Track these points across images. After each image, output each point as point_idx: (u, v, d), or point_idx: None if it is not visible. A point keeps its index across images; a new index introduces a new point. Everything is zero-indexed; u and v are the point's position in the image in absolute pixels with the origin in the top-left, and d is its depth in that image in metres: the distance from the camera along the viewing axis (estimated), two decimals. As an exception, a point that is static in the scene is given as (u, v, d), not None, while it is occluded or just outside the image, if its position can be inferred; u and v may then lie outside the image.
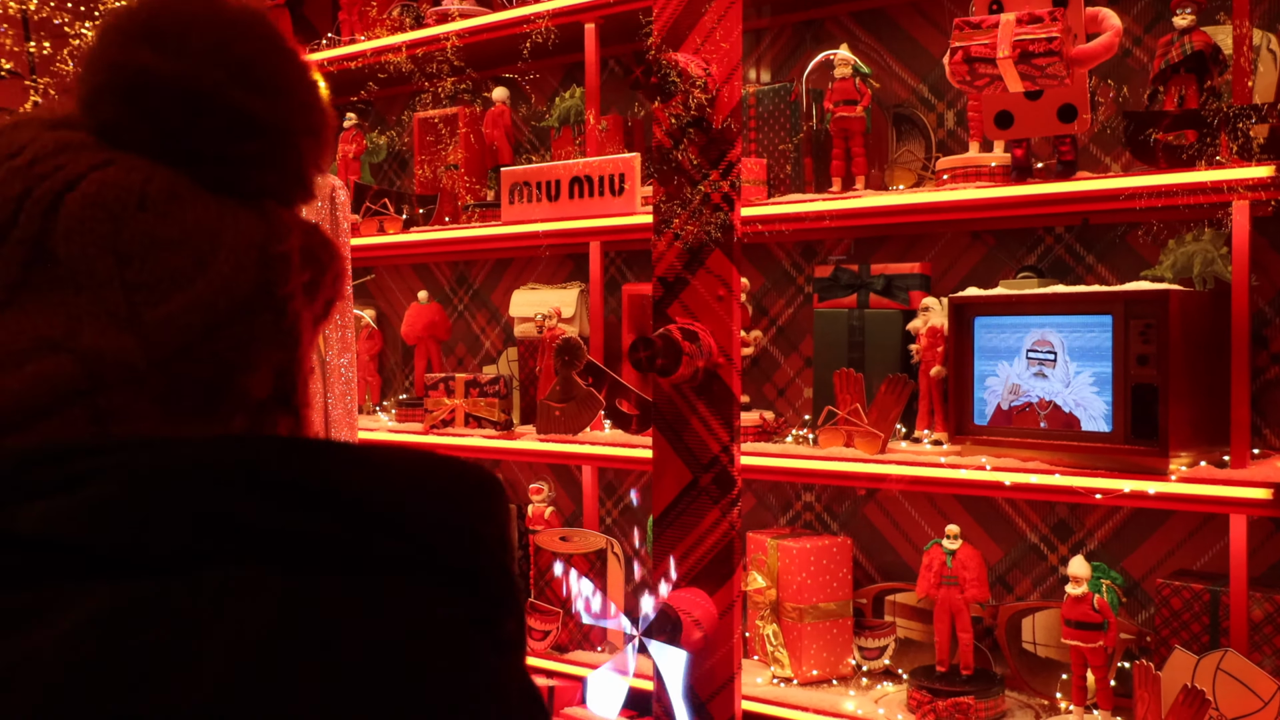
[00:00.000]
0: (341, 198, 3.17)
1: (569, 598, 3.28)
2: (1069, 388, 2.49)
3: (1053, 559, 2.89)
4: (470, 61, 3.62)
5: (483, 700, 0.66)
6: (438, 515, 0.69)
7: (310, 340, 0.85)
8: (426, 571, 0.67)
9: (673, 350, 2.50)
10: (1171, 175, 2.32)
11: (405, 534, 0.67)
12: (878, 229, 2.99)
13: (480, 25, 3.45)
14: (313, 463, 0.68)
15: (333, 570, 0.64)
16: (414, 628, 0.65)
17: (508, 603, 0.72)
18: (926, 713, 2.65)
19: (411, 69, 3.59)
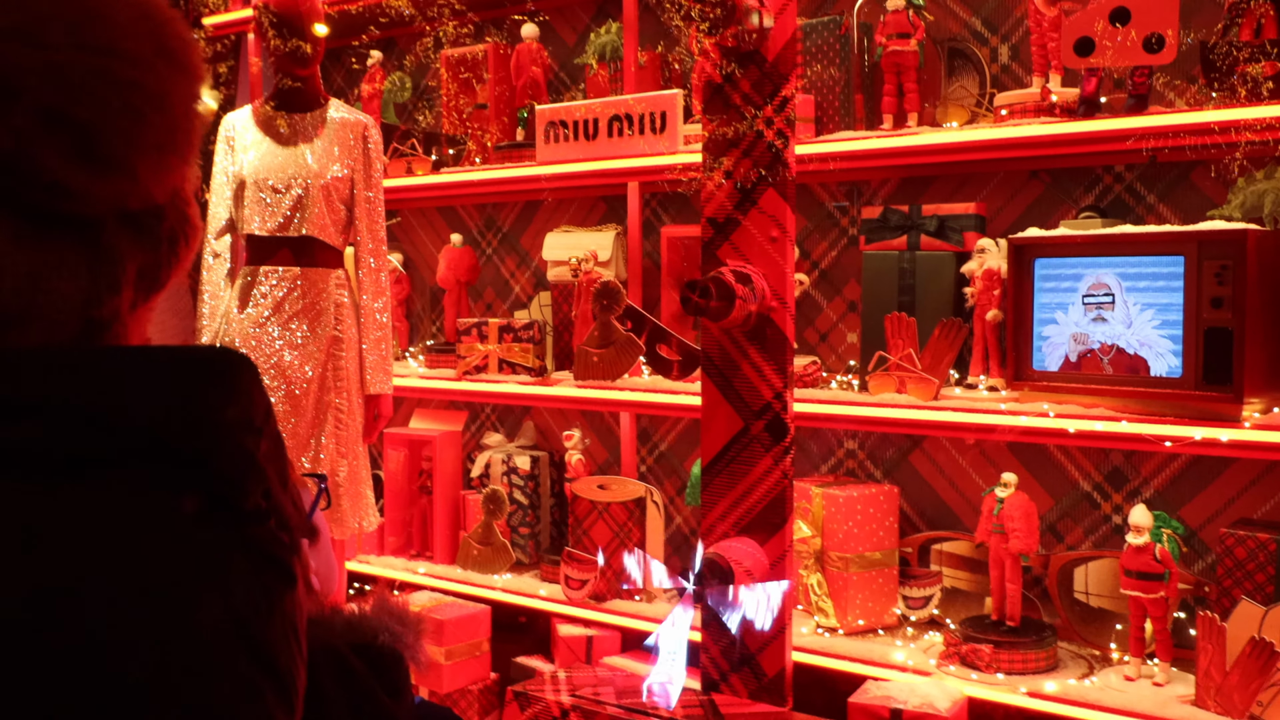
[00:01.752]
0: (375, 137, 3.08)
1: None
2: (1131, 329, 2.41)
3: (1106, 508, 2.82)
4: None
5: (191, 577, 0.70)
6: (156, 405, 0.73)
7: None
8: (141, 460, 0.71)
9: (725, 293, 2.42)
10: (1251, 109, 2.22)
11: (115, 428, 0.71)
12: (930, 168, 2.89)
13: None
14: (13, 375, 0.71)
15: (38, 474, 0.68)
16: (117, 518, 0.69)
17: (247, 480, 0.75)
18: (975, 662, 2.60)
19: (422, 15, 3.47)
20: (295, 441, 2.97)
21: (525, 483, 3.61)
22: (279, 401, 2.96)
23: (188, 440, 0.73)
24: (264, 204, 2.97)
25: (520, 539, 3.61)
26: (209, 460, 0.74)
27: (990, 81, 2.88)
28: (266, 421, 0.81)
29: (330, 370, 3.00)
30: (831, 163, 2.73)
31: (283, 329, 2.97)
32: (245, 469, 0.76)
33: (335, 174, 2.99)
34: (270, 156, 2.99)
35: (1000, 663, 2.57)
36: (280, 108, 3.04)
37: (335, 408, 3.00)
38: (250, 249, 3.01)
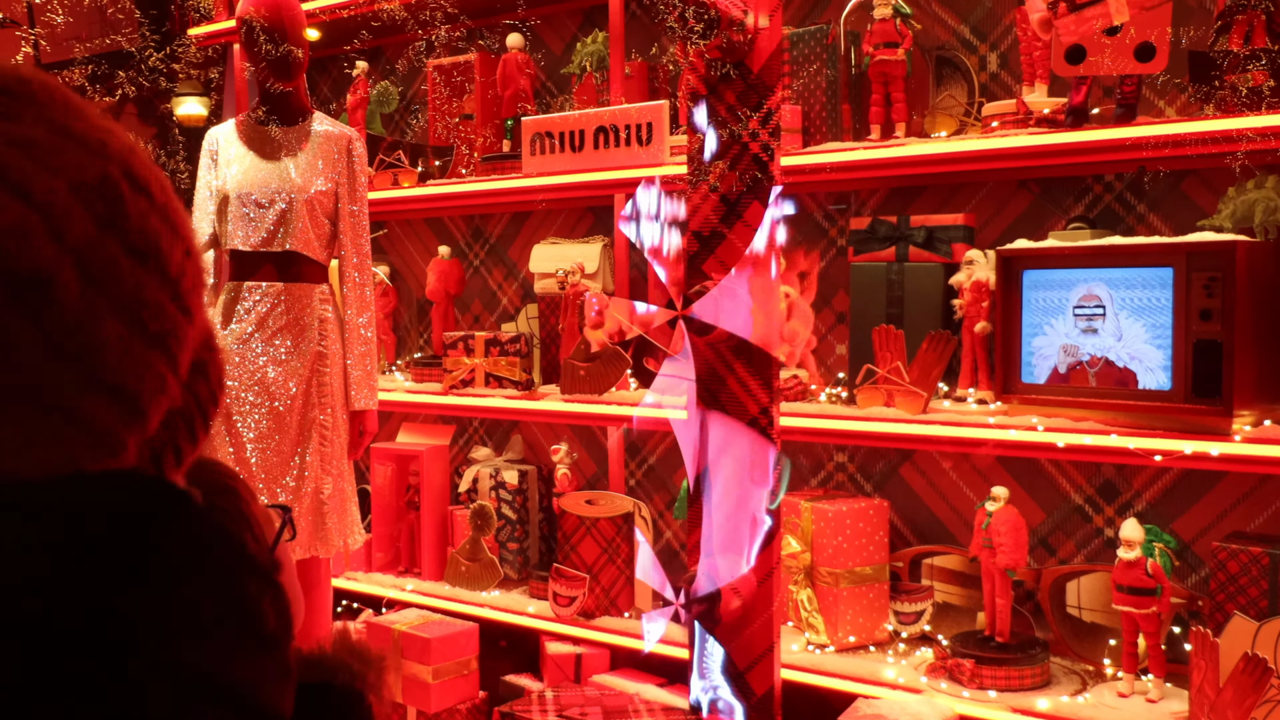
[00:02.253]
0: (359, 150, 3.05)
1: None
2: (1121, 341, 2.38)
3: (1098, 520, 2.79)
4: (478, 7, 3.48)
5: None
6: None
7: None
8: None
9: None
10: (1241, 119, 2.19)
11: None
12: (919, 179, 2.86)
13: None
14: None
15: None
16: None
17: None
18: (965, 679, 2.57)
19: (414, 19, 3.45)
20: (279, 458, 2.93)
21: (513, 497, 3.58)
22: (263, 418, 2.93)
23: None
24: (247, 219, 2.94)
25: (509, 554, 3.58)
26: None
27: (979, 90, 2.85)
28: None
29: (315, 386, 2.96)
30: (819, 174, 2.71)
31: (266, 344, 2.94)
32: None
33: (319, 188, 2.96)
34: (254, 171, 2.96)
35: (992, 679, 2.54)
36: (263, 121, 3.01)
37: (320, 424, 2.97)
38: (234, 264, 2.98)
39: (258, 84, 3.03)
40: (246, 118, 3.06)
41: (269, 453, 2.94)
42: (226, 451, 2.93)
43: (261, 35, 2.92)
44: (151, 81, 4.23)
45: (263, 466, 2.93)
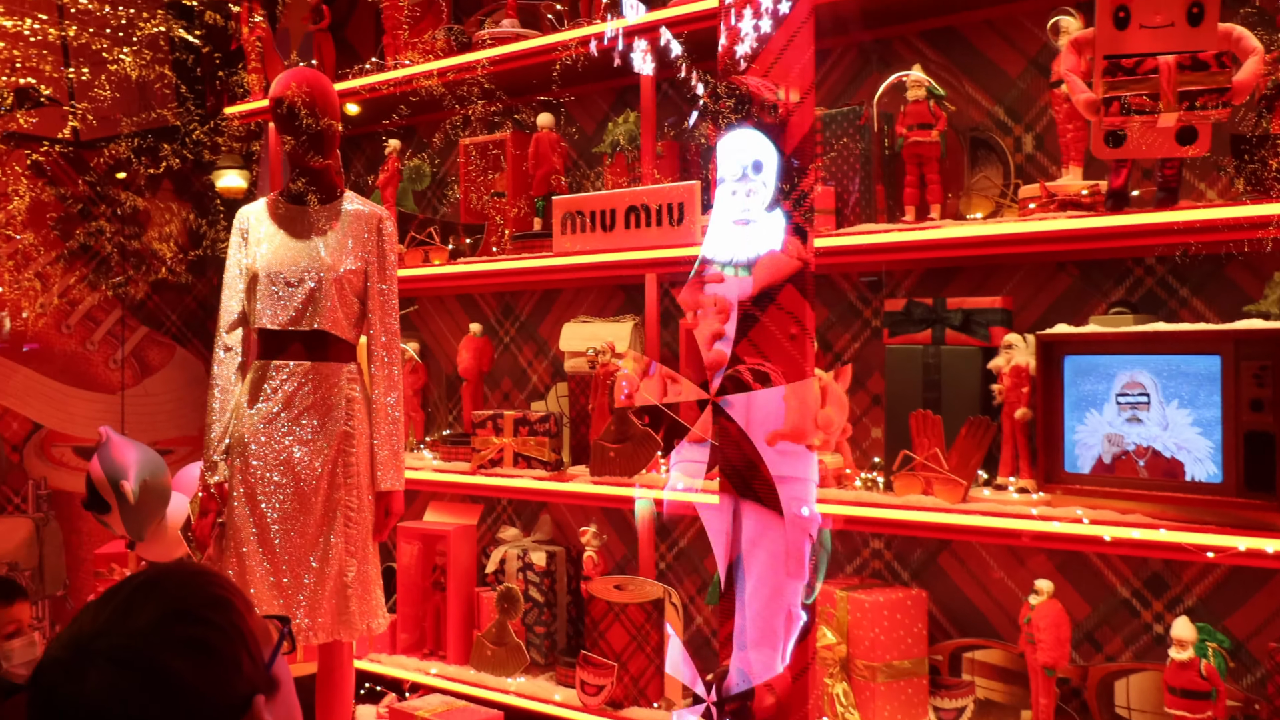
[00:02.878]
0: (389, 229, 3.04)
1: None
2: (1167, 430, 2.30)
3: (1146, 616, 2.68)
4: (513, 85, 3.49)
5: None
6: None
7: None
8: None
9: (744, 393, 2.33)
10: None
11: None
12: (955, 260, 2.81)
13: (526, 49, 3.32)
14: None
15: None
16: None
17: None
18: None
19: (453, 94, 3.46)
20: (303, 540, 2.88)
21: (541, 579, 3.51)
22: (287, 499, 2.88)
23: None
24: (276, 297, 2.92)
25: (536, 638, 3.49)
26: None
27: (1015, 172, 2.80)
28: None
29: (340, 466, 2.92)
30: (854, 256, 2.66)
31: (292, 424, 2.90)
32: None
33: (349, 267, 2.94)
34: (284, 249, 2.95)
35: (1036, 784, 2.43)
36: (295, 199, 3.01)
37: (345, 505, 2.92)
38: (261, 343, 2.96)
39: (290, 162, 3.04)
40: (278, 196, 3.05)
41: (293, 534, 2.89)
42: (250, 533, 2.88)
43: (293, 114, 2.92)
44: (194, 155, 4.27)
45: (286, 548, 2.88)
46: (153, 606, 1.23)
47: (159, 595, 1.25)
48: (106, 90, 4.23)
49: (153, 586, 1.26)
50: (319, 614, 2.90)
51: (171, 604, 1.24)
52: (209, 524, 2.96)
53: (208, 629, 1.24)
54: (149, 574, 1.29)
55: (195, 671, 1.20)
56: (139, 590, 1.25)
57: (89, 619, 1.24)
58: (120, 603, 1.24)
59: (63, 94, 4.52)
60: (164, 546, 3.61)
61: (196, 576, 1.30)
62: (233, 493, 2.93)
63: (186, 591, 1.27)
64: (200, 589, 1.28)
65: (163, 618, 1.22)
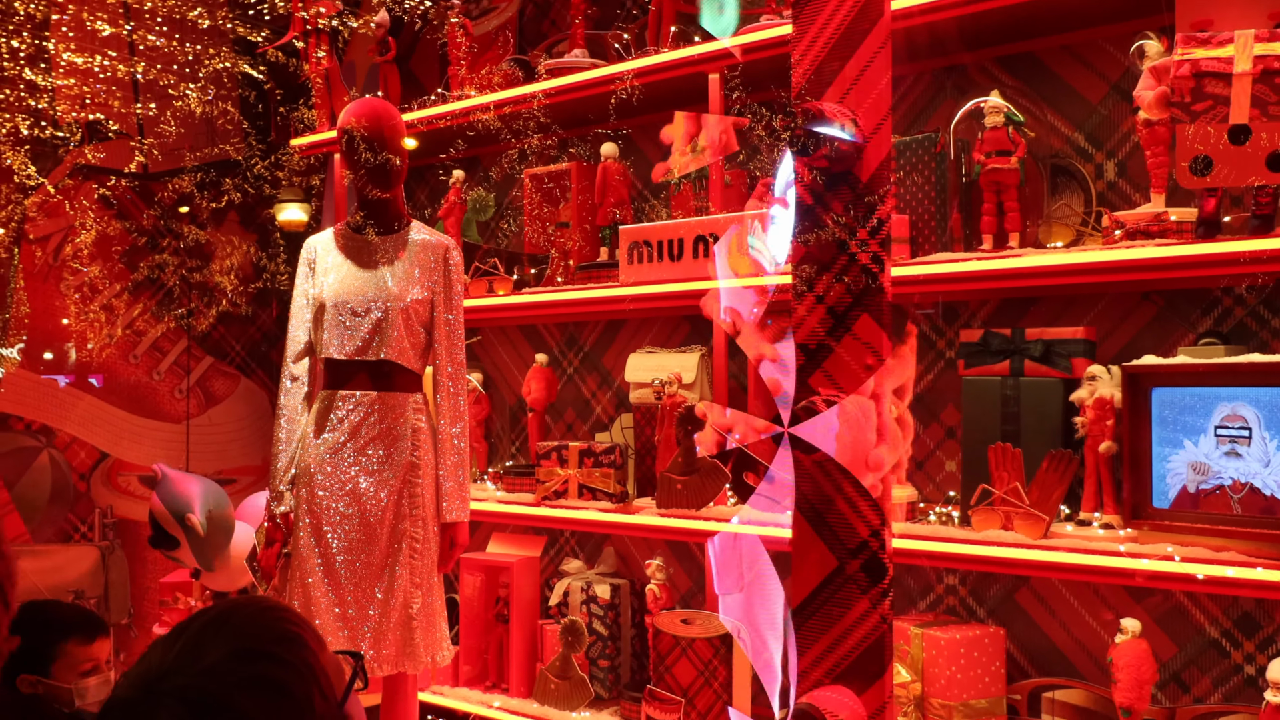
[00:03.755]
0: (455, 259, 3.03)
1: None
2: (1269, 468, 2.21)
3: (1237, 657, 2.59)
4: (577, 116, 3.48)
5: None
6: None
7: None
8: None
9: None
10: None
11: None
12: (1034, 290, 2.74)
13: (588, 80, 3.31)
14: None
15: None
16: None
17: None
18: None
19: (511, 127, 3.46)
20: (369, 571, 2.86)
21: (605, 612, 3.46)
22: (353, 529, 2.87)
23: None
24: (343, 327, 2.92)
25: (599, 672, 3.45)
26: None
27: (1096, 199, 2.74)
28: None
29: (406, 497, 2.90)
30: (929, 285, 2.60)
31: (359, 454, 2.89)
32: None
33: (415, 296, 2.93)
34: (350, 279, 2.95)
35: (1126, 833, 2.33)
36: (361, 229, 3.01)
37: (410, 536, 2.90)
38: (328, 372, 2.96)
39: (357, 192, 3.04)
40: (344, 227, 3.06)
41: (358, 564, 2.87)
42: (315, 563, 2.87)
43: (361, 144, 2.93)
44: (256, 189, 4.31)
45: (351, 579, 2.86)
46: (223, 643, 1.20)
47: (229, 632, 1.22)
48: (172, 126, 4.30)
49: (222, 623, 1.23)
50: (384, 645, 2.87)
51: (242, 641, 1.21)
52: (275, 554, 2.95)
53: (279, 666, 1.21)
54: (218, 609, 1.26)
55: (267, 711, 1.17)
56: (208, 627, 1.22)
57: (158, 656, 1.21)
58: (189, 640, 1.21)
59: (131, 129, 4.59)
60: (229, 576, 3.62)
61: (267, 612, 1.27)
62: (298, 523, 2.92)
63: (257, 628, 1.24)
64: (271, 625, 1.25)
65: (233, 655, 1.19)
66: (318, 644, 1.27)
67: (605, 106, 3.36)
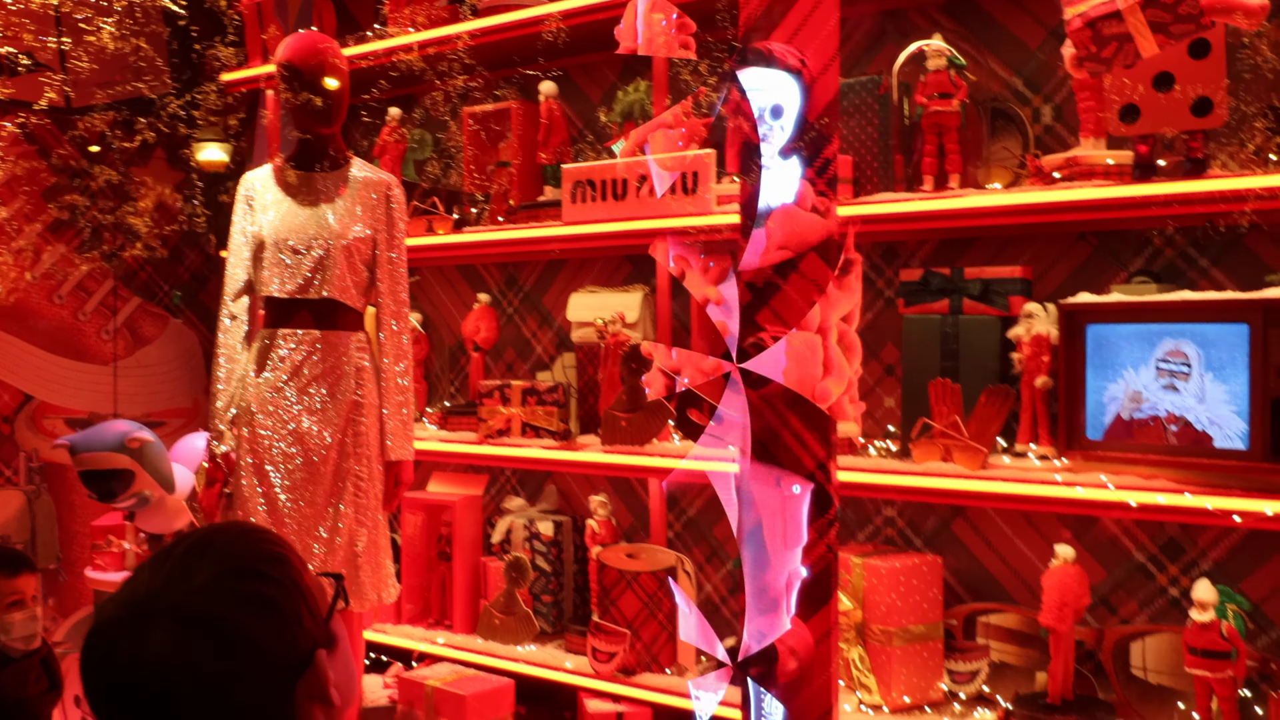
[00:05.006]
0: (398, 196, 3.01)
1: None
2: (1203, 404, 2.31)
3: (1161, 580, 2.71)
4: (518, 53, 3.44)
5: None
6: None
7: None
8: None
9: (769, 361, 2.33)
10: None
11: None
12: (973, 230, 2.81)
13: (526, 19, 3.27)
14: None
15: None
16: None
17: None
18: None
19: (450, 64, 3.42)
20: (313, 510, 2.86)
21: (548, 549, 3.50)
22: (296, 469, 2.86)
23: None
24: (284, 265, 2.89)
25: (543, 607, 3.49)
26: None
27: (1033, 142, 2.81)
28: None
29: (350, 436, 2.90)
30: (873, 225, 2.65)
31: (301, 393, 2.87)
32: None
33: (357, 234, 2.91)
34: (291, 216, 2.91)
35: (1057, 747, 2.45)
36: (301, 166, 2.97)
37: (355, 475, 2.90)
38: (269, 311, 2.93)
39: (296, 128, 2.99)
40: (284, 163, 3.01)
41: (302, 504, 2.87)
42: (258, 503, 2.86)
43: (303, 80, 2.88)
44: (171, 127, 4.20)
45: (295, 518, 2.86)
46: (210, 564, 1.22)
47: (214, 553, 1.23)
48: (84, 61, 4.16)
49: (206, 545, 1.24)
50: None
51: (229, 561, 1.23)
52: (216, 494, 2.93)
53: (268, 584, 1.23)
54: (201, 534, 1.27)
55: (259, 626, 1.19)
56: (193, 550, 1.24)
57: (144, 580, 1.22)
58: (176, 562, 1.22)
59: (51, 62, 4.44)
60: (165, 517, 3.59)
61: (250, 533, 1.29)
62: (239, 462, 2.90)
63: (243, 548, 1.26)
64: (256, 546, 1.27)
65: (222, 575, 1.21)
66: (300, 564, 1.29)
67: (543, 45, 3.34)
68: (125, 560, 3.71)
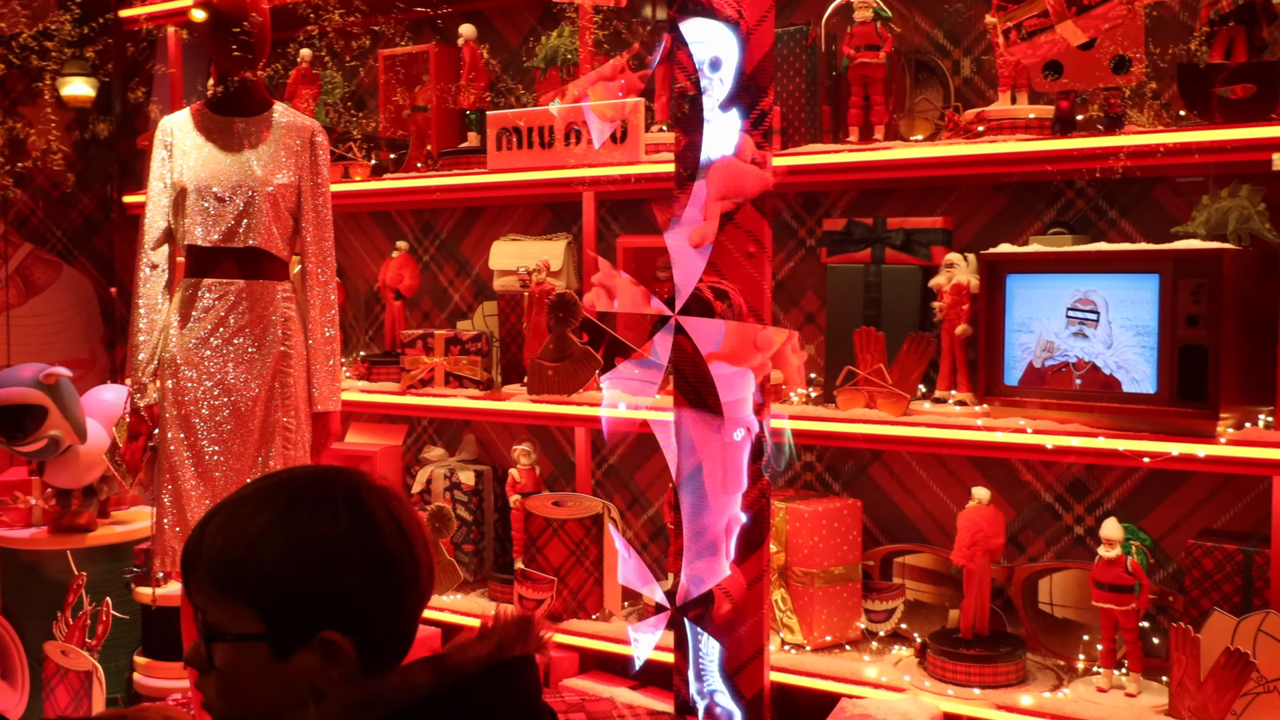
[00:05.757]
0: (322, 142, 2.96)
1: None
2: (1111, 349, 2.43)
3: (1067, 519, 2.85)
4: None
5: None
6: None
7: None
8: None
9: (705, 310, 2.37)
10: (1224, 131, 2.26)
11: None
12: (894, 181, 2.88)
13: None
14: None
15: None
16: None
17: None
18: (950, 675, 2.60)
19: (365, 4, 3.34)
20: (241, 463, 2.82)
21: (469, 498, 3.51)
22: (224, 421, 2.81)
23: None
24: (207, 213, 2.81)
25: (465, 556, 3.51)
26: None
27: (954, 95, 2.88)
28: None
29: (278, 387, 2.86)
30: (802, 176, 2.70)
31: (226, 344, 2.82)
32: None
33: (282, 180, 2.85)
34: (213, 163, 2.84)
35: (979, 676, 2.57)
36: (222, 111, 2.89)
37: (283, 427, 2.86)
38: (191, 260, 2.85)
39: (216, 70, 2.91)
40: (203, 106, 2.93)
41: (230, 457, 2.82)
42: (184, 455, 2.81)
43: (222, 20, 2.79)
44: (22, 60, 4.02)
45: (223, 471, 2.82)
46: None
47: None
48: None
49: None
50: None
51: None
52: (140, 448, 2.87)
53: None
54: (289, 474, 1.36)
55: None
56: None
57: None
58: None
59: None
60: (76, 470, 3.50)
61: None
62: (163, 415, 2.84)
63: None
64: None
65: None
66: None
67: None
68: (32, 516, 3.60)
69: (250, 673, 1.24)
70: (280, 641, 1.23)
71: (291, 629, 1.23)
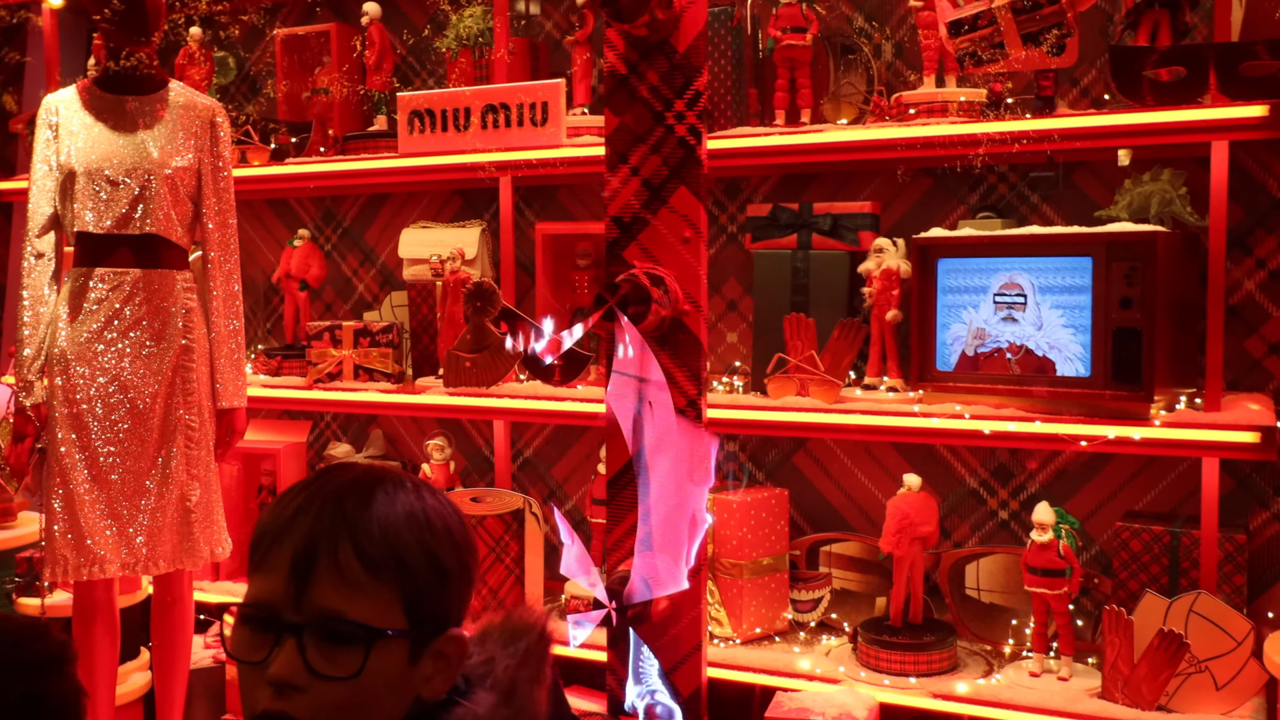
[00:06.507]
0: (223, 124, 2.79)
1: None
2: (1041, 331, 2.43)
3: (992, 503, 2.86)
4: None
5: None
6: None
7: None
8: None
9: (643, 297, 2.29)
10: (1164, 113, 2.28)
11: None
12: (818, 165, 2.85)
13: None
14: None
15: None
16: None
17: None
18: (883, 665, 2.58)
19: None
20: (140, 464, 2.64)
21: (379, 496, 3.37)
22: (120, 419, 2.63)
23: None
24: (99, 198, 2.63)
25: (376, 556, 3.37)
26: None
27: (877, 78, 2.86)
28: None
29: (179, 383, 2.68)
30: (729, 159, 2.65)
31: (122, 337, 2.64)
32: None
33: (180, 164, 2.68)
34: (104, 144, 2.65)
35: (913, 664, 2.56)
36: (112, 89, 2.70)
37: (185, 424, 2.69)
38: (82, 248, 2.66)
39: (105, 45, 2.72)
40: (91, 84, 2.73)
41: (127, 458, 2.64)
42: (76, 457, 2.61)
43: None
44: None
45: (120, 473, 2.63)
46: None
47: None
48: None
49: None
50: (160, 542, 2.68)
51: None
52: (26, 450, 2.67)
53: None
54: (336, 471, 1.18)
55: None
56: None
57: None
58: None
59: None
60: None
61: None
62: (52, 415, 2.64)
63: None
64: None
65: None
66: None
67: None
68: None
69: (385, 680, 1.08)
70: (418, 641, 1.10)
71: (429, 625, 1.11)
